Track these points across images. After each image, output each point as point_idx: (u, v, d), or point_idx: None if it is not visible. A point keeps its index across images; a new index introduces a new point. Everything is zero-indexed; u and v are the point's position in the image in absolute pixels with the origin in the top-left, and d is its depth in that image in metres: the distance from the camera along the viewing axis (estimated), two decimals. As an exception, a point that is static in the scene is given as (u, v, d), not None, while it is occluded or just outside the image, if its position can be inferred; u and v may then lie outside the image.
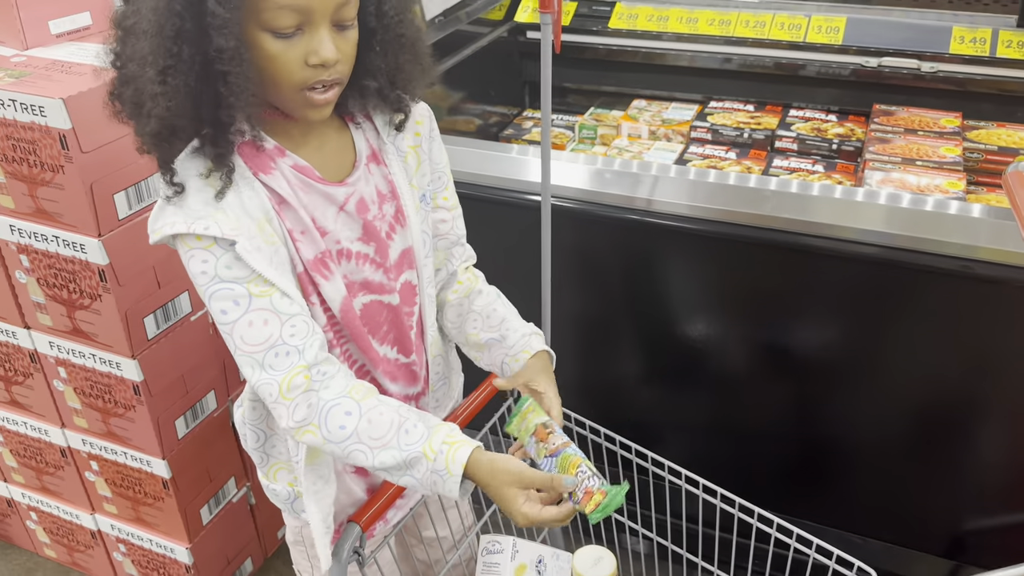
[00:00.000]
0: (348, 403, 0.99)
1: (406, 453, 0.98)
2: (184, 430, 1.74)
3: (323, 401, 0.99)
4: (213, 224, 0.93)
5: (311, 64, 0.92)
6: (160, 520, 1.83)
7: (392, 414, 1.00)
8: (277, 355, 0.96)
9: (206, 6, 0.85)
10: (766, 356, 1.69)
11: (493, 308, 1.22)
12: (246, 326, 0.95)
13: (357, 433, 0.98)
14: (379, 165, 1.09)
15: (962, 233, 1.43)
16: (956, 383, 1.54)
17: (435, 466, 0.97)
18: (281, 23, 0.89)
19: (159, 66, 0.87)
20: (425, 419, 1.02)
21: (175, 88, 0.88)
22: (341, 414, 0.98)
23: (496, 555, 1.38)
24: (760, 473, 1.78)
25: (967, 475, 1.60)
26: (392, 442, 0.98)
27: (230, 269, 0.95)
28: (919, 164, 1.88)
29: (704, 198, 1.59)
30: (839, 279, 1.56)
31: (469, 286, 1.24)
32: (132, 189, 1.50)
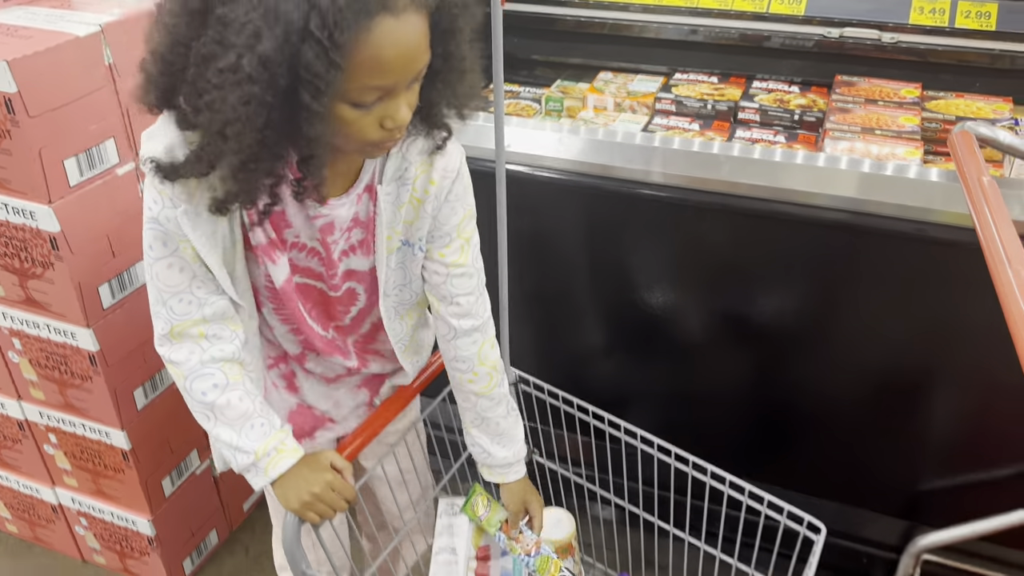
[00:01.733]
0: (220, 376, 1.09)
1: (242, 442, 1.11)
2: (143, 401, 1.73)
3: (201, 364, 1.08)
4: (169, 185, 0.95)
5: (387, 128, 0.92)
6: (121, 493, 1.82)
7: (248, 405, 1.11)
8: (181, 300, 1.05)
9: (300, 99, 0.83)
10: (725, 322, 1.70)
11: (497, 422, 1.31)
12: (165, 267, 1.03)
13: (213, 405, 1.10)
14: (371, 200, 1.09)
15: (917, 196, 1.44)
16: (911, 346, 1.56)
17: (258, 464, 1.11)
18: (365, 100, 0.88)
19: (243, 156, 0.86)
20: (270, 418, 1.13)
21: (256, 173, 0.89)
22: (209, 384, 1.09)
23: (455, 517, 1.38)
24: (719, 438, 1.80)
25: (921, 437, 1.62)
26: (235, 426, 1.11)
27: (170, 222, 0.98)
28: (878, 133, 1.89)
29: (664, 163, 1.59)
30: (798, 244, 1.57)
31: (483, 388, 1.27)
32: (83, 155, 1.48)
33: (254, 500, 2.16)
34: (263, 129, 0.84)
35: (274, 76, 0.80)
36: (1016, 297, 0.79)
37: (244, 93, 0.81)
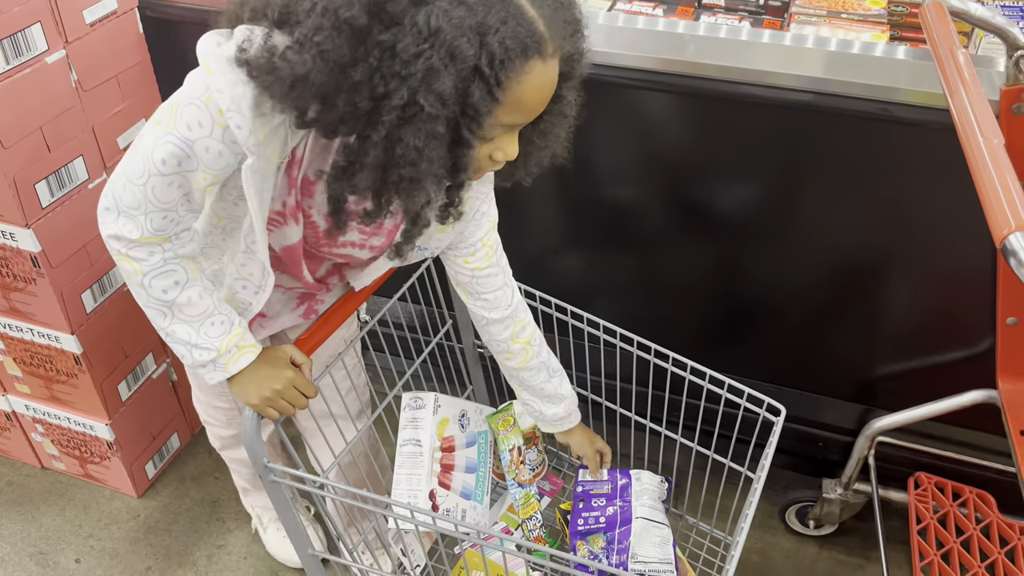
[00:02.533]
0: (180, 274, 1.04)
1: (201, 339, 1.07)
2: (92, 304, 1.67)
3: (163, 261, 1.02)
4: (246, 129, 0.88)
5: (496, 159, 0.94)
6: (76, 398, 1.78)
7: (208, 302, 1.07)
8: (164, 217, 0.99)
9: (460, 133, 0.85)
10: (686, 211, 1.68)
11: (542, 387, 1.36)
12: (166, 184, 0.95)
13: (173, 303, 1.05)
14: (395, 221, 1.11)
15: (882, 75, 1.41)
16: (870, 232, 1.55)
17: (218, 360, 1.08)
18: (494, 134, 0.90)
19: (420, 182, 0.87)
20: (229, 315, 1.09)
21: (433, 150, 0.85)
22: (170, 281, 1.04)
23: (418, 410, 1.38)
24: (680, 329, 1.81)
25: (877, 323, 1.64)
26: (194, 323, 1.06)
27: (208, 152, 0.92)
28: (844, 17, 1.84)
29: (626, 45, 1.53)
30: (761, 127, 1.53)
31: (519, 362, 1.33)
32: (7, 41, 1.37)
33: (215, 403, 2.14)
34: (441, 163, 0.86)
35: (452, 112, 0.82)
36: (989, 170, 0.78)
37: (425, 132, 0.82)
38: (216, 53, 0.88)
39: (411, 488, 1.30)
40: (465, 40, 0.78)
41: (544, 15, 0.83)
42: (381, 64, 0.80)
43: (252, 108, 0.88)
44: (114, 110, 1.62)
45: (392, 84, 0.80)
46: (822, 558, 1.83)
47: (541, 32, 0.83)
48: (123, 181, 0.96)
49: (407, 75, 0.79)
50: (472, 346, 1.58)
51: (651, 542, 1.31)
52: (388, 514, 1.16)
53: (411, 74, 0.79)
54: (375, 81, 0.80)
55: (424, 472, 1.30)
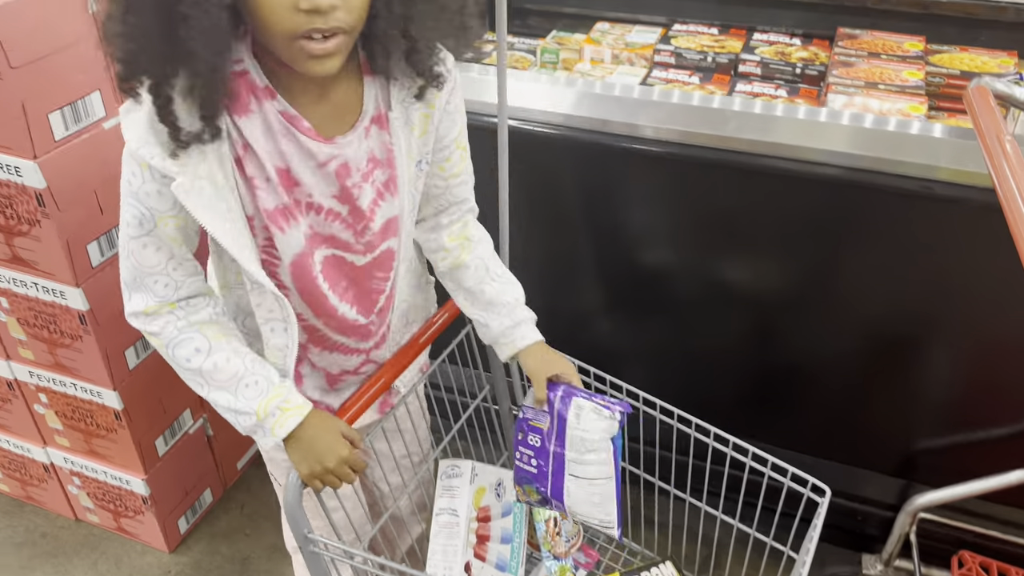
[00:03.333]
0: (200, 340, 1.04)
1: (240, 404, 1.05)
2: (135, 360, 1.70)
3: (178, 331, 1.04)
4: (158, 155, 0.90)
5: (303, 9, 0.83)
6: (114, 452, 1.80)
7: (238, 363, 1.05)
8: (156, 282, 1.01)
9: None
10: (724, 280, 1.68)
11: (480, 288, 1.22)
12: (140, 246, 0.99)
13: (201, 371, 1.05)
14: (381, 129, 1.03)
15: (923, 153, 1.42)
16: (911, 305, 1.55)
17: (263, 424, 1.05)
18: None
19: (123, 3, 0.82)
20: (267, 374, 1.06)
21: (134, 27, 0.83)
22: (191, 349, 1.04)
23: (455, 479, 1.38)
24: (718, 397, 1.80)
25: (919, 396, 1.63)
26: (230, 388, 1.05)
27: (150, 197, 0.95)
28: (882, 88, 1.86)
29: (665, 119, 1.56)
30: (799, 201, 1.54)
31: (456, 259, 1.21)
32: (68, 108, 1.42)
33: (248, 458, 2.15)
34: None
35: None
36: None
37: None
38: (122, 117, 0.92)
39: (446, 560, 1.29)
40: None
41: None
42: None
43: (150, 129, 0.89)
44: (164, 172, 1.66)
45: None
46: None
47: None
48: (121, 258, 1.02)
49: None
50: (508, 411, 1.58)
51: (589, 501, 1.18)
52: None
53: None
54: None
55: (460, 543, 1.30)
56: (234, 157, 0.95)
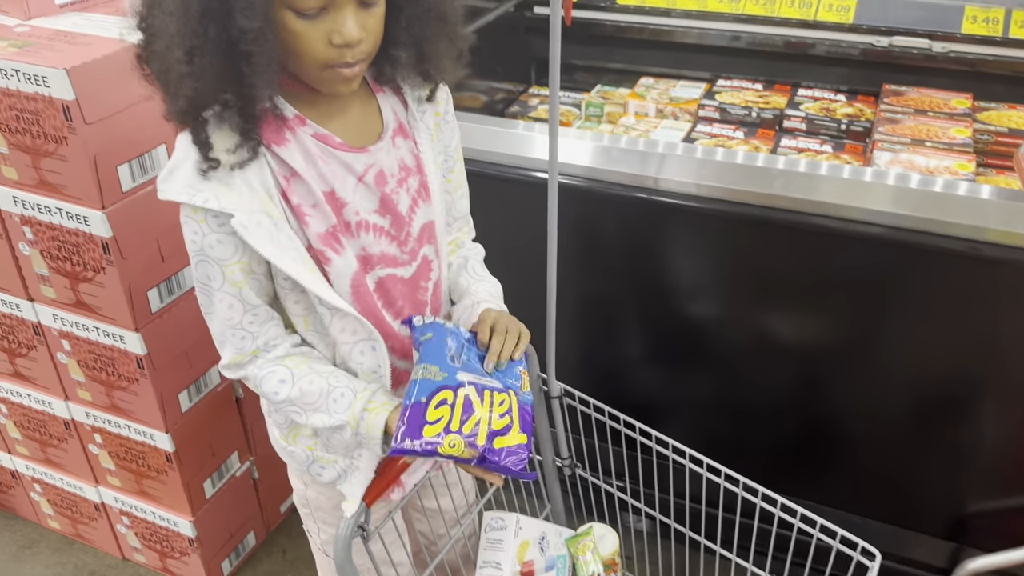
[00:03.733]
0: (282, 371, 1.07)
1: (334, 419, 1.05)
2: (188, 404, 1.74)
3: (259, 369, 1.07)
4: (212, 198, 0.95)
5: (335, 44, 0.92)
6: (163, 493, 1.84)
7: (322, 382, 1.06)
8: (235, 335, 1.05)
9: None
10: (771, 336, 1.68)
11: (455, 281, 1.24)
12: (217, 303, 1.03)
13: (291, 400, 1.07)
14: (406, 139, 1.10)
15: (971, 214, 1.42)
16: (960, 364, 1.53)
17: (359, 431, 1.05)
18: (304, 4, 0.89)
19: (186, 47, 0.87)
20: (352, 384, 1.07)
21: (202, 68, 0.88)
22: (275, 382, 1.06)
23: (500, 531, 1.38)
24: (763, 453, 1.78)
25: (969, 457, 1.60)
26: (322, 407, 1.06)
27: (213, 249, 0.99)
28: (928, 145, 1.86)
29: (711, 176, 1.58)
30: (846, 259, 1.55)
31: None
32: (136, 161, 1.49)
33: (291, 502, 2.17)
34: (201, 17, 0.85)
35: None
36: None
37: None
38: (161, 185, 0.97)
39: (491, 612, 1.29)
40: None
41: None
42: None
43: (198, 173, 0.94)
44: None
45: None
46: None
47: None
48: (206, 319, 1.06)
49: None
50: (551, 462, 1.59)
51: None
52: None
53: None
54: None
55: (505, 597, 1.30)
56: (279, 190, 1.00)
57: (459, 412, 0.98)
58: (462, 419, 0.98)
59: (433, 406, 0.97)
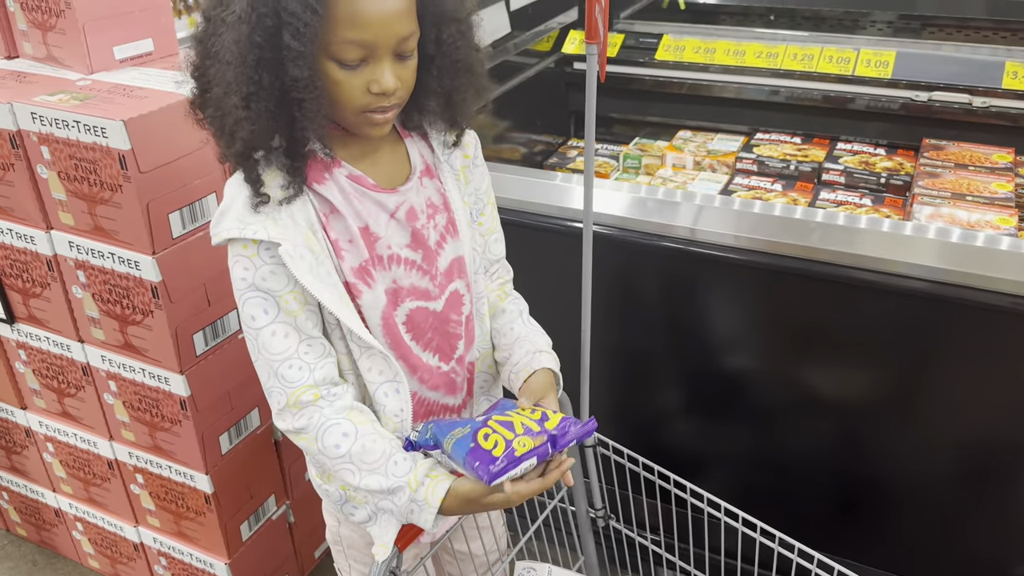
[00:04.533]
0: (347, 425, 1.06)
1: (391, 481, 1.05)
2: (228, 446, 1.77)
3: (325, 418, 1.06)
4: (261, 229, 1.00)
5: (373, 92, 0.98)
6: (201, 535, 1.86)
7: (384, 444, 1.07)
8: (291, 367, 1.05)
9: (283, 40, 0.91)
10: (810, 390, 1.66)
11: (510, 327, 1.24)
12: (269, 335, 1.04)
13: (350, 455, 1.06)
14: (432, 179, 1.15)
15: (1013, 269, 1.40)
16: (1005, 423, 1.50)
17: (415, 496, 1.04)
18: (347, 56, 0.95)
19: (243, 93, 0.93)
20: (413, 455, 1.08)
21: (258, 113, 0.94)
22: (339, 434, 1.06)
23: (531, 582, 1.37)
24: (802, 509, 1.75)
25: (1016, 518, 1.55)
26: (380, 469, 1.05)
27: (266, 281, 1.02)
28: (969, 199, 1.85)
29: (748, 228, 1.58)
30: (886, 313, 1.53)
31: (494, 305, 1.26)
32: (187, 209, 1.54)
33: (325, 547, 2.18)
34: (257, 67, 0.91)
35: (261, 17, 0.89)
36: None
37: (236, 34, 0.91)
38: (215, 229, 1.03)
39: (522, 663, 1.28)
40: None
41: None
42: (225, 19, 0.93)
43: (247, 208, 1.00)
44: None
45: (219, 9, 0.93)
46: None
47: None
48: (256, 368, 1.07)
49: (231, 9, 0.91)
50: (585, 513, 1.58)
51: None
52: None
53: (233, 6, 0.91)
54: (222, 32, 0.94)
55: (536, 648, 1.29)
56: (321, 225, 1.05)
57: (503, 430, 1.01)
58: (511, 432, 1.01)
59: (481, 440, 1.00)
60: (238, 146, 0.98)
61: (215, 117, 0.99)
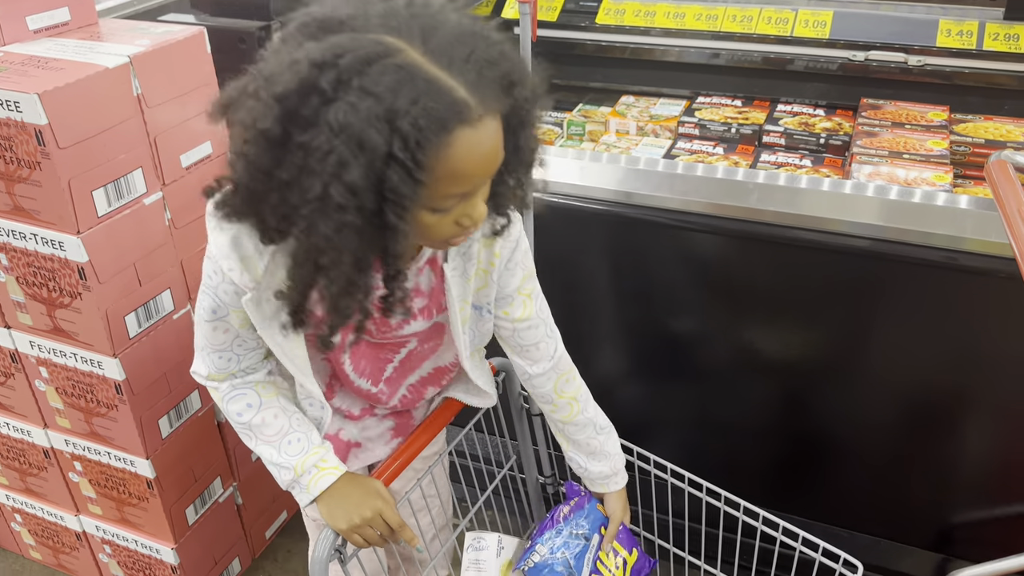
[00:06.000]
0: (252, 396, 1.15)
1: (282, 458, 1.14)
2: (168, 429, 1.72)
3: (234, 387, 1.14)
4: (236, 271, 0.99)
5: (463, 224, 0.93)
6: (145, 521, 1.81)
7: (284, 421, 1.15)
8: (220, 356, 1.13)
9: (385, 219, 0.83)
10: (752, 350, 1.68)
11: (588, 442, 1.33)
12: (211, 328, 1.09)
13: (250, 425, 1.15)
14: (435, 274, 1.11)
15: (948, 224, 1.42)
16: (942, 375, 1.53)
17: (300, 481, 1.13)
18: (445, 205, 0.89)
19: (342, 256, 0.85)
20: (309, 435, 1.16)
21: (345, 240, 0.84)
22: (243, 405, 1.14)
23: (481, 552, 1.37)
24: (747, 468, 1.78)
25: (954, 468, 1.59)
26: (275, 443, 1.14)
27: (226, 295, 1.04)
28: (906, 157, 1.87)
29: (690, 191, 1.58)
30: (826, 272, 1.55)
31: (566, 416, 1.31)
32: (112, 185, 1.48)
33: (276, 527, 2.15)
34: (356, 253, 0.85)
35: (363, 202, 0.81)
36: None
37: (335, 222, 0.81)
38: (208, 208, 0.98)
39: (474, 634, 1.28)
40: (373, 130, 0.78)
41: (468, 80, 0.82)
42: (305, 163, 0.81)
43: (232, 249, 0.97)
44: (201, 246, 1.72)
45: (310, 180, 0.81)
46: None
47: (462, 99, 0.81)
48: (195, 326, 1.11)
49: (321, 170, 0.80)
50: (535, 481, 1.57)
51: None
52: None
53: (324, 169, 0.79)
54: (301, 180, 0.82)
55: (487, 618, 1.28)
56: None
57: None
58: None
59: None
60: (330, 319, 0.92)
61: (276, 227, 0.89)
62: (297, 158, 0.81)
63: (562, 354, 1.29)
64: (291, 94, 0.79)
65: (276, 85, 0.80)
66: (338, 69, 0.78)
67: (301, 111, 0.80)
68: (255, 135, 0.82)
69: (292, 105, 0.79)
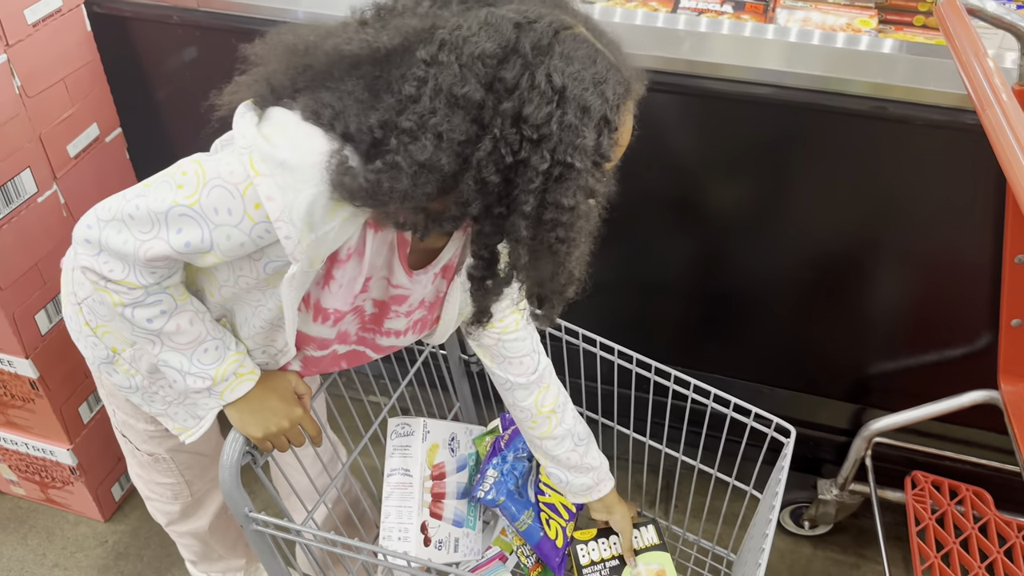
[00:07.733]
0: (168, 301, 0.96)
1: (194, 367, 0.99)
2: (48, 325, 1.57)
3: (147, 292, 0.94)
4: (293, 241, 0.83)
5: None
6: (34, 422, 1.68)
7: (200, 329, 0.98)
8: (153, 273, 0.92)
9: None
10: (668, 207, 1.61)
11: (568, 457, 1.27)
12: (166, 252, 0.87)
13: (160, 332, 0.97)
14: (443, 278, 1.07)
15: (873, 71, 1.36)
16: (861, 228, 1.50)
17: (215, 388, 1.01)
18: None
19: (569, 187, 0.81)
20: (225, 340, 1.01)
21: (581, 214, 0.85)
22: (156, 310, 0.95)
23: (407, 437, 1.31)
24: (665, 329, 1.76)
25: (871, 320, 1.60)
26: (187, 352, 0.99)
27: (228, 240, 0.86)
28: (831, 2, 1.79)
29: (610, 41, 1.45)
30: (745, 123, 1.47)
31: (545, 430, 1.25)
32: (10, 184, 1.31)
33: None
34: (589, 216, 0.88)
35: (598, 164, 0.81)
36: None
37: (574, 188, 0.80)
38: (264, 150, 0.80)
39: (401, 521, 1.23)
40: (590, 93, 0.78)
41: (621, 61, 0.84)
42: (506, 133, 0.77)
43: (304, 219, 0.81)
44: (62, 116, 1.51)
45: (526, 150, 0.77)
46: (817, 558, 1.80)
47: (628, 76, 0.84)
48: (117, 226, 0.88)
49: (541, 137, 0.77)
50: (457, 359, 1.51)
51: None
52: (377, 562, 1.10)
53: (545, 135, 0.77)
54: (503, 152, 0.77)
55: (415, 504, 1.23)
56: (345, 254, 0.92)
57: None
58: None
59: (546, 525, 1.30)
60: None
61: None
62: (498, 127, 0.77)
63: (546, 366, 1.25)
64: (492, 55, 0.76)
65: (471, 46, 0.75)
66: (536, 33, 0.77)
67: (502, 74, 0.76)
68: (448, 101, 0.76)
69: (492, 68, 0.76)
